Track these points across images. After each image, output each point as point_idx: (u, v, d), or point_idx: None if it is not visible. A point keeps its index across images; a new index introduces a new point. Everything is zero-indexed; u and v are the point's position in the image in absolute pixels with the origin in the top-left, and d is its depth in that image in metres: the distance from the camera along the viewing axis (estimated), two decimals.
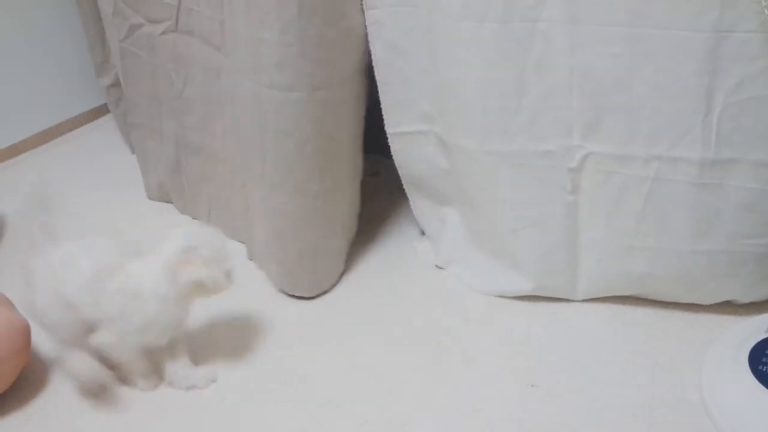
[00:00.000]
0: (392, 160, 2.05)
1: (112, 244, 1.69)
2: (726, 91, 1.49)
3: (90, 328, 1.62)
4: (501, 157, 1.76)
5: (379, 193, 2.37)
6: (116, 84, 2.76)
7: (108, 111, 3.19)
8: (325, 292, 2.04)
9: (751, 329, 1.63)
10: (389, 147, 2.02)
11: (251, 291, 2.05)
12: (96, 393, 1.72)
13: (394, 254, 2.17)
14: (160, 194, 2.62)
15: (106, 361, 1.69)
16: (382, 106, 1.94)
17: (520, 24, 1.60)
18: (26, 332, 1.76)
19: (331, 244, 2.06)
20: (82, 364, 1.67)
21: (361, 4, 1.81)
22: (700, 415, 1.54)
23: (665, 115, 1.56)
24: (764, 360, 1.52)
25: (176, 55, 2.27)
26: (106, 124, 3.28)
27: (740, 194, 1.58)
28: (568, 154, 1.69)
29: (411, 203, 2.13)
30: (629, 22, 1.50)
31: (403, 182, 2.09)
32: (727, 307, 1.78)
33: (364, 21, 1.83)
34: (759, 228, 1.61)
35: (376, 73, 1.90)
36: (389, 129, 1.97)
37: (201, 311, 1.81)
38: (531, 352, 1.76)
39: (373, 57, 1.88)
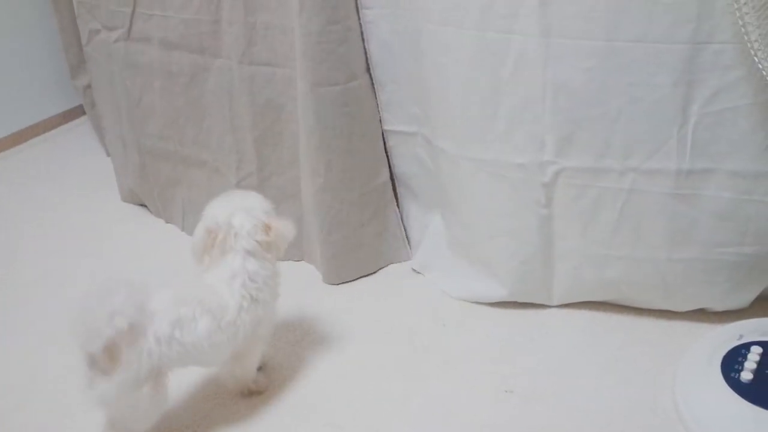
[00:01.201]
0: None
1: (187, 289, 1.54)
2: (701, 101, 1.50)
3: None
4: (479, 164, 1.77)
5: None
6: (91, 85, 2.74)
7: (84, 113, 3.17)
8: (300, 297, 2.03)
9: (724, 337, 1.64)
10: None
11: None
12: None
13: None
14: (133, 197, 2.61)
15: None
16: (378, 103, 1.96)
17: (495, 34, 1.61)
18: None
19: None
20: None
21: (356, 4, 1.84)
22: (673, 421, 1.55)
23: (640, 127, 1.57)
24: (737, 367, 1.54)
25: (130, 64, 2.25)
26: (83, 125, 3.26)
27: (715, 204, 1.60)
28: (541, 169, 1.70)
29: (399, 204, 2.13)
30: (604, 36, 1.50)
31: (395, 182, 2.10)
32: (701, 314, 1.80)
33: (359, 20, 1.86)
34: (734, 237, 1.63)
35: (372, 72, 1.92)
36: (385, 126, 2.00)
37: None
38: (506, 358, 1.76)
39: (368, 56, 1.90)
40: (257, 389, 1.69)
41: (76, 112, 3.32)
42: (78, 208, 2.64)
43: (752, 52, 1.37)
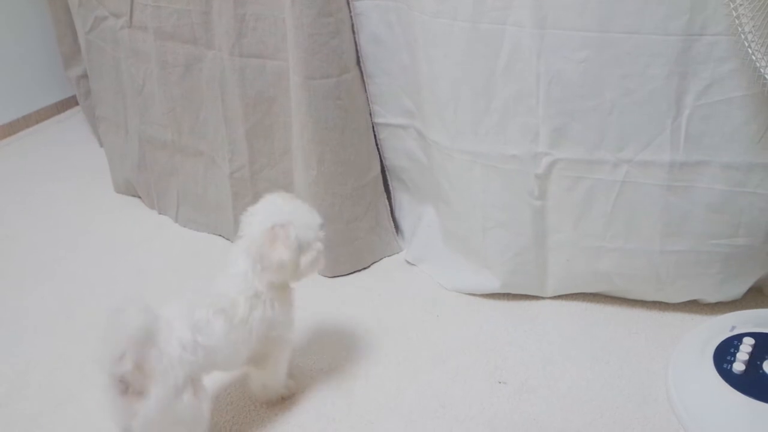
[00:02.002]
0: None
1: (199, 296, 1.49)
2: (695, 93, 1.50)
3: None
4: (473, 156, 1.77)
5: None
6: (86, 76, 2.74)
7: (76, 103, 3.17)
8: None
9: (717, 328, 1.65)
10: None
11: None
12: None
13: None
14: (128, 188, 2.60)
15: None
16: (368, 96, 1.96)
17: (489, 25, 1.60)
18: None
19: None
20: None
21: None
22: (665, 412, 1.56)
23: (634, 119, 1.57)
24: (729, 358, 1.54)
25: (134, 51, 2.26)
26: (75, 116, 3.25)
27: (709, 196, 1.60)
28: (535, 160, 1.70)
29: (392, 196, 2.13)
30: (598, 27, 1.50)
31: (387, 174, 2.10)
32: (694, 305, 1.81)
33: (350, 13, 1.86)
34: (726, 229, 1.64)
35: (361, 65, 1.92)
36: (375, 119, 2.00)
37: None
38: (500, 349, 1.77)
39: (358, 48, 1.90)
40: (288, 394, 1.68)
41: (68, 103, 3.31)
42: (71, 199, 2.63)
43: (746, 44, 1.37)
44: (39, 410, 1.69)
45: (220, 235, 2.31)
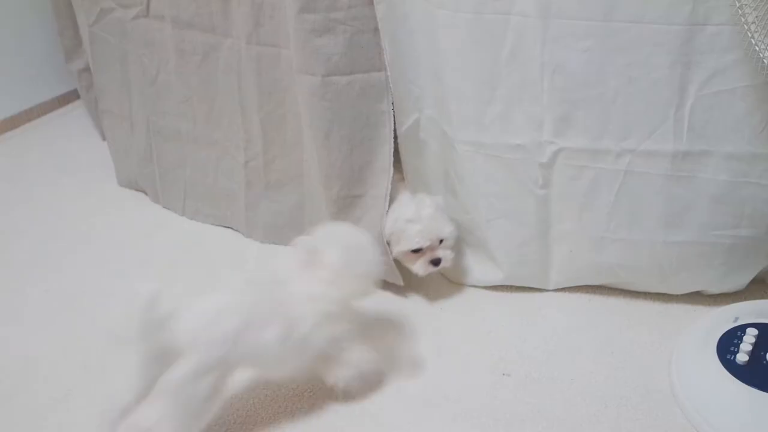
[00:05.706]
0: None
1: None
2: (698, 83, 1.50)
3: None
4: (476, 147, 1.76)
5: None
6: (87, 69, 2.73)
7: (78, 97, 3.17)
8: None
9: (720, 319, 1.65)
10: None
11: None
12: None
13: None
14: (131, 182, 2.60)
15: None
16: (393, 105, 1.88)
17: (493, 16, 1.60)
18: None
19: None
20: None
21: None
22: (669, 403, 1.56)
23: (637, 109, 1.57)
24: (732, 349, 1.54)
25: (148, 41, 2.25)
26: (77, 110, 3.25)
27: (711, 186, 1.60)
28: (539, 149, 1.70)
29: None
30: (601, 16, 1.50)
31: (405, 179, 2.04)
32: (697, 297, 1.81)
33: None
34: (729, 219, 1.64)
35: (388, 72, 1.83)
36: (399, 130, 1.91)
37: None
38: (503, 342, 1.77)
39: (384, 55, 1.82)
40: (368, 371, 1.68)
41: (70, 97, 3.31)
42: (74, 193, 2.63)
43: (749, 35, 1.37)
44: (45, 403, 1.69)
45: (227, 227, 2.32)
